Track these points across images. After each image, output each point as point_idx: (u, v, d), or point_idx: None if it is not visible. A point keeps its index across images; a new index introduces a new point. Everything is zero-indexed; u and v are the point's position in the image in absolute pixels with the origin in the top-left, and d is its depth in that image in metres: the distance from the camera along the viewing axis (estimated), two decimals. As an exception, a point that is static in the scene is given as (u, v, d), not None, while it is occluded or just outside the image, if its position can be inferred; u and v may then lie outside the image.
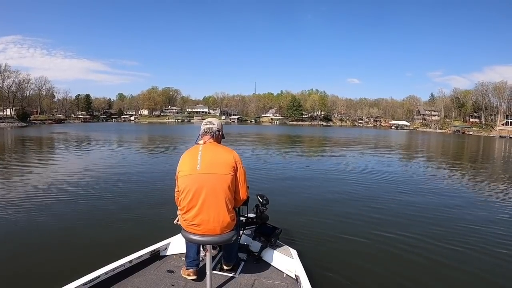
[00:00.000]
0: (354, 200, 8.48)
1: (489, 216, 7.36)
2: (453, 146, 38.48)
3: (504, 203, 8.82)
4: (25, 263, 4.37)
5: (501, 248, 5.41)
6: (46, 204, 7.31)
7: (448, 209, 7.79)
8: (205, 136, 2.88)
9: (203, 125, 2.93)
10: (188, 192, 2.64)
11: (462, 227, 6.48)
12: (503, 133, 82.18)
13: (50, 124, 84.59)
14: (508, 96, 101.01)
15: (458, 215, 7.41)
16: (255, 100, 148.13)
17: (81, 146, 24.33)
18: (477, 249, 5.35)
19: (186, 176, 2.67)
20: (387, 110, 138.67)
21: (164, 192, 8.22)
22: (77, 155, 18.28)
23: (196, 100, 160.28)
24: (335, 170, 13.92)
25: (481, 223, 6.81)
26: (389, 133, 74.76)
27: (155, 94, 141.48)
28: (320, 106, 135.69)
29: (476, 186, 12.07)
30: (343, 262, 4.72)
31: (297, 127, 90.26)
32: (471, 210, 7.94)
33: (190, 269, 2.96)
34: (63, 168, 12.91)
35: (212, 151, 2.75)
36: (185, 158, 2.77)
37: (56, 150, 21.48)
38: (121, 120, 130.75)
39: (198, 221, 2.63)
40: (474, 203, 8.81)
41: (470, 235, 5.99)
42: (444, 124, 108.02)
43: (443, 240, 5.61)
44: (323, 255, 4.88)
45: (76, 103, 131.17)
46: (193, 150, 2.79)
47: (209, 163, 2.66)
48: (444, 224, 6.57)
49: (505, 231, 6.29)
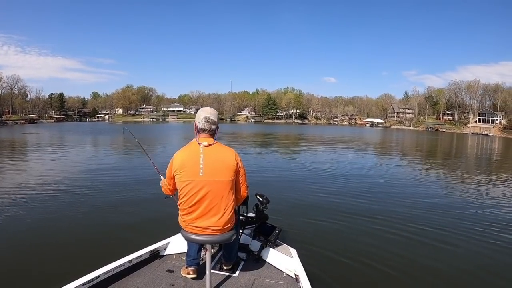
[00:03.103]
0: (353, 199, 8.46)
1: (455, 202, 8.72)
2: (427, 143, 40.07)
3: (472, 192, 10.35)
4: (25, 263, 4.44)
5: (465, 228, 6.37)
6: (45, 204, 7.31)
7: (459, 221, 7.23)
8: (205, 133, 2.71)
9: (202, 120, 2.70)
10: (190, 197, 2.60)
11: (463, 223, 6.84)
12: (475, 130, 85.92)
13: (22, 124, 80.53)
14: (480, 94, 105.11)
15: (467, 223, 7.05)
16: (230, 98, 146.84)
17: (76, 147, 23.54)
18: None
19: (188, 182, 2.60)
20: (362, 108, 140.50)
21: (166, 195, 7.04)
22: (75, 155, 18.14)
23: (171, 98, 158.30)
24: (328, 169, 14.13)
25: (453, 208, 7.95)
26: (364, 130, 75.87)
27: (130, 93, 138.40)
28: (296, 105, 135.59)
29: (450, 176, 14.15)
30: (343, 261, 4.73)
31: (273, 126, 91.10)
32: (450, 198, 9.15)
33: (190, 268, 2.96)
34: (62, 168, 12.88)
35: (215, 155, 2.65)
36: (185, 160, 2.64)
37: (51, 149, 21.54)
38: (95, 119, 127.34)
39: (199, 223, 2.62)
40: (448, 191, 10.49)
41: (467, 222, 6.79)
42: (418, 121, 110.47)
43: (447, 241, 5.71)
44: (323, 254, 4.91)
45: (49, 102, 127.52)
46: (193, 152, 2.65)
47: (212, 168, 2.60)
48: (450, 225, 6.61)
49: (464, 213, 7.57)
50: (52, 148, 22.77)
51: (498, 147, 38.96)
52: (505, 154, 29.39)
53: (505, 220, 7.08)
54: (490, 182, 12.57)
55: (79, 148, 22.34)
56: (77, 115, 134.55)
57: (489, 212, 7.73)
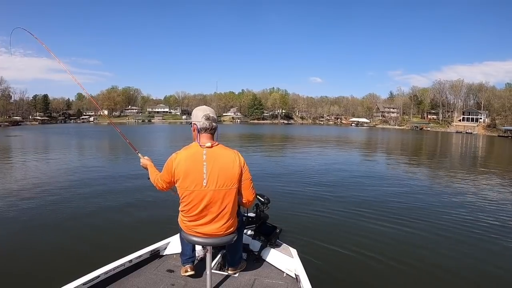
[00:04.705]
0: (353, 199, 8.47)
1: (440, 197, 9.11)
2: (413, 141, 40.91)
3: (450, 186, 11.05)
4: (25, 264, 4.45)
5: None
6: (45, 205, 7.31)
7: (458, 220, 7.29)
8: (206, 133, 2.54)
9: (203, 118, 2.53)
10: (193, 206, 2.50)
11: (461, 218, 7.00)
12: (459, 128, 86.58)
13: (6, 126, 77.64)
14: (464, 93, 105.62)
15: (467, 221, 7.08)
16: (216, 99, 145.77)
17: (73, 149, 23.59)
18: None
19: (191, 191, 2.47)
20: (348, 108, 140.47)
21: (164, 192, 6.38)
22: (76, 156, 18.50)
23: (157, 99, 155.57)
24: (328, 168, 14.06)
25: (439, 203, 8.35)
26: (349, 130, 75.35)
27: (115, 94, 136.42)
28: (281, 105, 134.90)
29: (435, 173, 14.56)
30: (342, 261, 4.75)
31: (259, 126, 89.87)
32: (444, 197, 9.15)
33: (187, 265, 2.90)
34: (60, 168, 13.03)
35: (218, 161, 2.48)
36: (189, 168, 2.46)
37: (53, 150, 22.08)
38: (80, 121, 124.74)
39: (201, 229, 2.54)
40: (434, 187, 10.86)
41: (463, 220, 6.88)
42: (403, 120, 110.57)
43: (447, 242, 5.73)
44: (323, 254, 4.89)
45: (34, 104, 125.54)
46: (197, 159, 2.47)
47: (216, 177, 2.45)
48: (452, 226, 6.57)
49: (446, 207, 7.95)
50: (54, 150, 22.67)
51: (482, 144, 40.14)
52: (489, 150, 31.38)
53: (491, 210, 7.80)
54: (475, 177, 13.14)
55: (76, 150, 22.37)
56: (61, 116, 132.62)
57: (475, 204, 8.29)
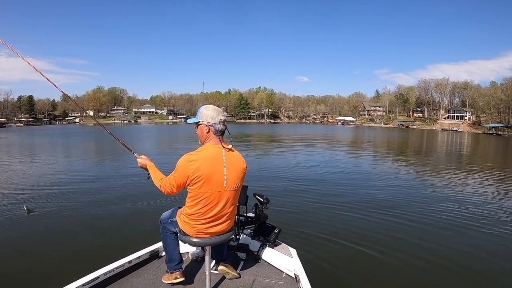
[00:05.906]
0: (351, 199, 8.44)
1: (425, 193, 9.45)
2: (399, 139, 40.94)
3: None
4: (25, 264, 4.50)
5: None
6: (44, 206, 7.33)
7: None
8: (221, 136, 2.55)
9: (220, 121, 2.52)
10: (210, 208, 2.46)
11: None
12: (445, 126, 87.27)
13: None
14: (449, 91, 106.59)
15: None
16: (203, 99, 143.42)
17: (70, 152, 23.11)
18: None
19: (211, 192, 2.43)
20: (334, 107, 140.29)
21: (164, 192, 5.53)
22: (78, 157, 18.71)
23: (143, 100, 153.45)
24: (327, 168, 13.96)
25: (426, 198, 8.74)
26: (336, 129, 74.67)
27: (100, 94, 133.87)
28: (268, 104, 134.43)
29: (421, 170, 14.67)
30: (342, 260, 4.74)
31: (246, 125, 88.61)
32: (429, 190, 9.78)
33: (177, 272, 2.78)
34: (60, 169, 13.10)
35: (235, 162, 2.53)
36: (211, 168, 2.41)
37: (54, 150, 22.74)
38: (66, 122, 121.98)
39: (210, 230, 2.52)
40: (423, 184, 11.28)
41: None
42: (389, 119, 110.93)
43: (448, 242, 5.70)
44: (322, 254, 4.90)
45: (19, 105, 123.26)
46: (219, 160, 2.45)
47: (234, 178, 2.50)
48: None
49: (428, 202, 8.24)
50: (53, 150, 22.94)
51: (467, 141, 40.81)
52: (474, 146, 32.61)
53: (480, 202, 8.24)
54: (460, 172, 13.74)
55: (75, 152, 21.97)
56: (47, 118, 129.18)
57: (462, 196, 8.89)
